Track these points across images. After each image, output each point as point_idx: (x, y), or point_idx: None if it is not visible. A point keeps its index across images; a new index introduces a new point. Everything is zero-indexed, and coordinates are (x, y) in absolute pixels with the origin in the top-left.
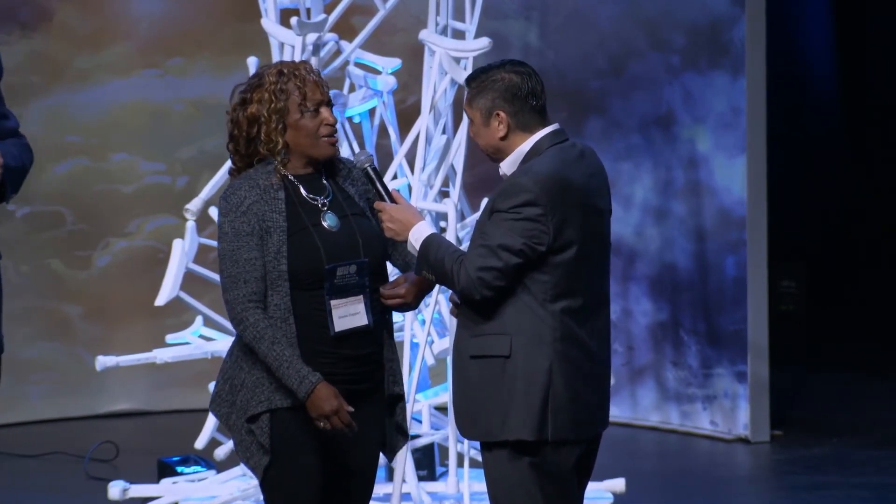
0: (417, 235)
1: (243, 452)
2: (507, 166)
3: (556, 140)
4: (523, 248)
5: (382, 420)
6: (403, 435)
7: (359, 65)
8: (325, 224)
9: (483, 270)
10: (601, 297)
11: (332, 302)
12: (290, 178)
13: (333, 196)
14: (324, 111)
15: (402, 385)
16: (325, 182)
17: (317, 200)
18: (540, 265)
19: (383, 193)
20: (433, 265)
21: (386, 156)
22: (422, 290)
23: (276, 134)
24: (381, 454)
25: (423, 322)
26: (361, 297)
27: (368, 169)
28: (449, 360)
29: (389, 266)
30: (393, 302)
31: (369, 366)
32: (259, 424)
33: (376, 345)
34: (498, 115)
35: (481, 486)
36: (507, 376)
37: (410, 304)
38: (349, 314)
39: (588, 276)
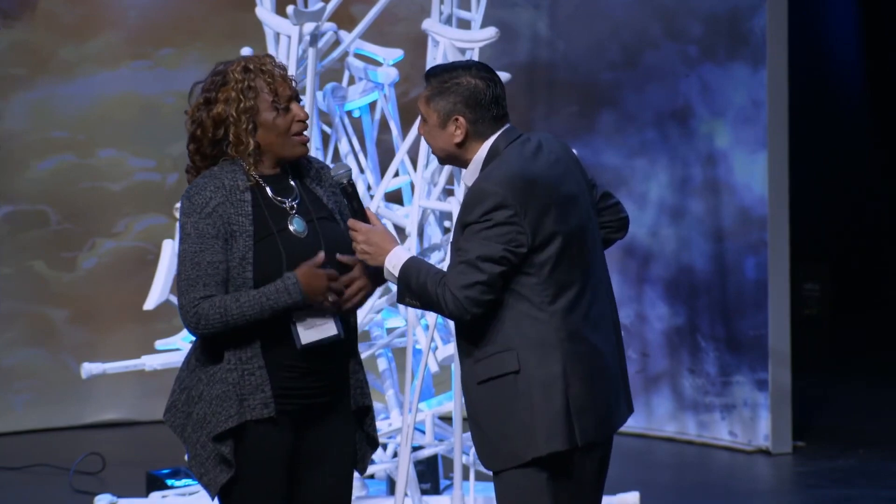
0: (395, 262)
1: (197, 468)
2: (469, 177)
3: (510, 138)
4: (505, 255)
5: (352, 435)
6: (372, 445)
7: (358, 56)
8: (291, 228)
9: (467, 288)
10: (596, 282)
11: (296, 313)
12: (257, 178)
13: (301, 198)
14: (294, 107)
15: (370, 396)
16: (291, 182)
17: (284, 203)
18: (525, 268)
19: (359, 212)
20: (416, 292)
21: (387, 152)
22: (378, 277)
23: (247, 135)
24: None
25: (427, 327)
26: None
27: (346, 185)
28: (454, 367)
29: None
30: (352, 290)
31: (333, 378)
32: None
33: (342, 356)
34: (457, 119)
35: (487, 501)
36: (522, 392)
37: (370, 289)
38: (315, 325)
39: (578, 265)
